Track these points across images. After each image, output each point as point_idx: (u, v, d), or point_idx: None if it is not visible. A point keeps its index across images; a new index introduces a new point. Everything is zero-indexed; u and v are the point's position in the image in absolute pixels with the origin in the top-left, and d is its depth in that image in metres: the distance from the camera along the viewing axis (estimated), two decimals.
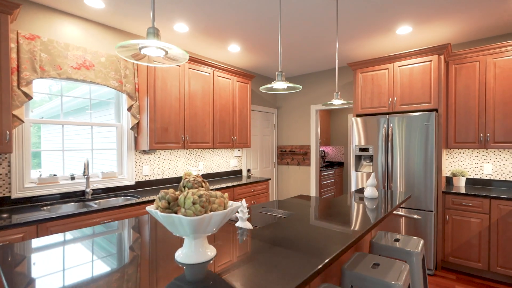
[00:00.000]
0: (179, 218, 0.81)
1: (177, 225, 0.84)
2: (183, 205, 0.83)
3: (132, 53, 1.09)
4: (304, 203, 2.32)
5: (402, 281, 1.27)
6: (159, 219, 0.90)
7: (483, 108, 3.01)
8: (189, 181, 0.93)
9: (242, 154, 4.61)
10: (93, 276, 0.88)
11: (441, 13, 2.66)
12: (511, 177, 3.10)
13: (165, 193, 0.92)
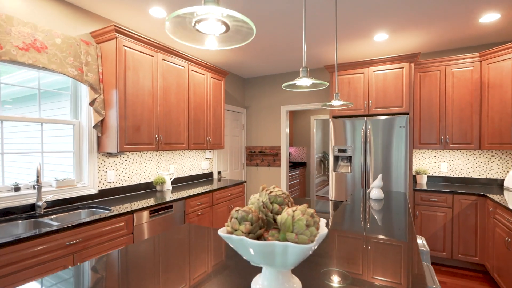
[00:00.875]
0: (285, 246, 0.61)
1: (274, 255, 0.64)
2: (290, 229, 0.63)
3: (183, 32, 0.83)
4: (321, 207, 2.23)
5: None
6: (241, 247, 0.68)
7: (443, 113, 3.36)
8: (277, 195, 0.73)
9: (213, 155, 4.33)
10: None
11: (414, 24, 2.87)
12: (462, 174, 3.53)
13: (246, 213, 0.70)
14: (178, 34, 0.85)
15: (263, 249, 0.64)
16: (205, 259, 1.14)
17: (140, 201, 2.57)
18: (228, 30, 0.81)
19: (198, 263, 1.10)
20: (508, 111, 2.94)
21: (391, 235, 1.45)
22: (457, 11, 2.60)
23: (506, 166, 3.32)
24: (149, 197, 2.74)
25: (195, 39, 0.90)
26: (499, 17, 2.70)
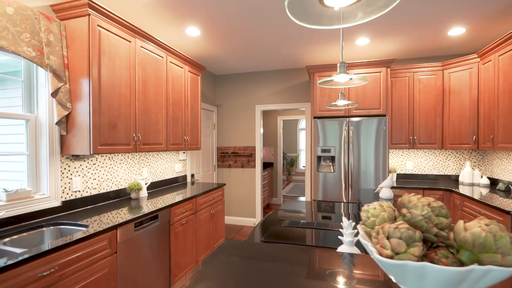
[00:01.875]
0: (487, 271, 0.48)
1: (462, 283, 0.50)
2: (492, 249, 0.50)
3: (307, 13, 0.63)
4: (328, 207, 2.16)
5: None
6: (411, 274, 0.53)
7: (411, 116, 3.66)
8: (440, 206, 0.59)
9: (187, 157, 3.97)
10: None
11: (393, 30, 3.04)
12: (425, 171, 3.90)
13: (412, 231, 0.55)
14: (302, 16, 0.66)
15: (455, 276, 0.50)
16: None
17: (114, 211, 2.16)
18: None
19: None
20: (466, 115, 3.34)
21: None
22: (430, 22, 2.83)
23: (460, 163, 3.78)
24: (124, 207, 2.33)
25: (323, 17, 0.71)
26: (464, 31, 3.03)
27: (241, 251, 1.20)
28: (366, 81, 1.50)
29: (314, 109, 3.68)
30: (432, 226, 0.58)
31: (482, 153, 3.71)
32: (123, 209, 2.26)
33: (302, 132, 10.54)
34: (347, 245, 1.09)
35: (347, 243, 1.08)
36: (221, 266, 1.02)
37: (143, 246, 2.15)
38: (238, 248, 1.23)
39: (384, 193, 2.02)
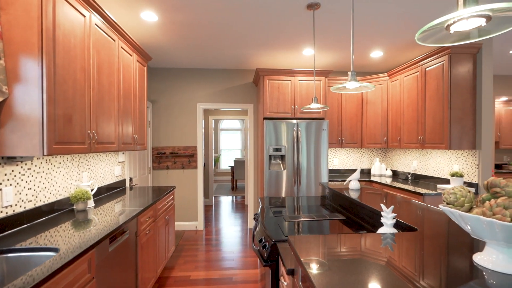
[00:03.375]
0: None
1: None
2: None
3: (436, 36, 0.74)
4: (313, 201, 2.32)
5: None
6: (506, 229, 0.73)
7: (340, 120, 4.34)
8: (503, 184, 0.80)
9: (126, 158, 3.45)
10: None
11: (331, 46, 3.56)
12: (347, 166, 4.68)
13: (509, 200, 0.75)
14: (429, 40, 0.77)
15: None
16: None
17: (67, 230, 1.73)
18: (490, 19, 0.81)
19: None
20: (379, 121, 4.22)
21: None
22: (358, 43, 3.46)
23: (371, 159, 4.72)
24: (69, 220, 1.88)
25: (447, 37, 0.83)
26: (382, 54, 3.84)
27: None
28: (373, 87, 1.74)
29: (264, 111, 3.86)
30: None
31: (386, 150, 4.75)
32: (67, 223, 1.81)
33: (224, 132, 10.64)
34: (388, 227, 1.28)
35: (388, 224, 1.28)
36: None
37: (119, 264, 1.80)
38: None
39: (352, 184, 2.37)
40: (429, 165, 3.75)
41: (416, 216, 1.59)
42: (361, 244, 1.14)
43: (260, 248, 1.63)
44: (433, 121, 3.26)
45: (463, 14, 0.73)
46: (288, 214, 2.05)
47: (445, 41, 0.91)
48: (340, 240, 1.20)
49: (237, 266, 3.15)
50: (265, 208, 2.24)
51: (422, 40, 0.89)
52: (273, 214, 2.05)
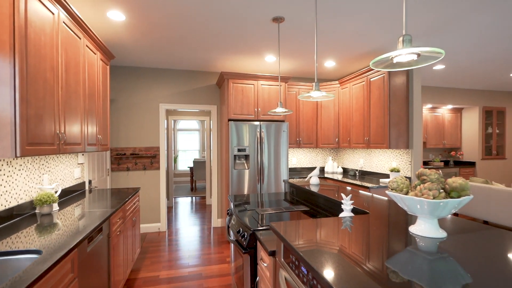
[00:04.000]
0: (463, 200, 1.06)
1: (444, 208, 1.07)
2: (466, 189, 1.07)
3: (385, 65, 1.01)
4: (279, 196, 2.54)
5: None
6: (430, 205, 1.05)
7: (298, 122, 4.71)
8: (438, 174, 1.12)
9: (85, 160, 3.29)
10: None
11: (292, 54, 3.91)
12: (304, 164, 5.09)
13: (432, 185, 1.07)
14: (380, 66, 1.04)
15: (451, 206, 1.06)
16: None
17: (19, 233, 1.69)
18: (419, 56, 1.11)
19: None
20: (332, 123, 4.70)
21: None
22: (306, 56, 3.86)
23: (324, 158, 5.20)
24: (33, 224, 1.83)
25: (392, 65, 1.11)
26: (335, 64, 4.30)
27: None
28: (333, 97, 2.03)
29: (229, 113, 4.02)
30: (434, 181, 1.13)
31: (338, 150, 5.28)
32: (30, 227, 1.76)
33: (181, 133, 10.46)
34: (347, 212, 1.56)
35: (347, 209, 1.56)
36: None
37: (92, 266, 1.80)
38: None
39: (313, 180, 2.68)
40: (373, 162, 4.33)
41: (365, 204, 1.94)
42: (330, 224, 1.40)
43: (238, 238, 1.81)
44: (376, 125, 3.79)
45: (401, 53, 1.02)
46: (260, 208, 2.27)
47: (391, 68, 1.21)
48: (312, 223, 1.45)
49: (205, 263, 3.26)
50: (237, 204, 2.42)
51: (374, 66, 1.18)
52: (246, 209, 2.24)
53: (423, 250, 1.09)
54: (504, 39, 3.35)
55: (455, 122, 6.79)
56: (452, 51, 3.77)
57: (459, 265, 0.96)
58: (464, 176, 6.44)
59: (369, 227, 1.38)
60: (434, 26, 2.95)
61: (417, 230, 1.22)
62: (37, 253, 1.37)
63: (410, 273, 0.90)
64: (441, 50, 1.00)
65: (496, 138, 6.68)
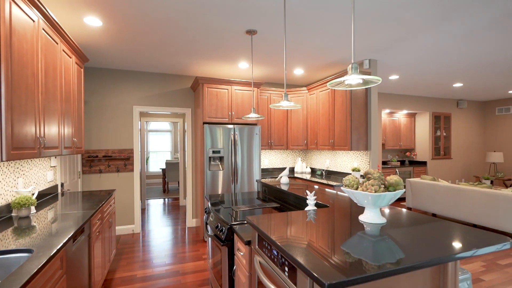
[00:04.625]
0: (398, 193, 1.37)
1: (382, 199, 1.37)
2: (401, 185, 1.37)
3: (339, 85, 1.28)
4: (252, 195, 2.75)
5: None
6: (372, 197, 1.34)
7: (269, 125, 4.99)
8: (379, 172, 1.41)
9: (58, 163, 3.26)
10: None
11: (263, 61, 4.18)
12: (275, 165, 5.38)
13: (376, 181, 1.36)
14: (336, 86, 1.31)
15: (390, 196, 1.36)
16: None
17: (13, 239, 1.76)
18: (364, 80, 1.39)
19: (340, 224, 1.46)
20: (301, 127, 5.04)
21: None
22: (277, 64, 4.17)
23: (294, 159, 5.54)
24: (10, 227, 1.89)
25: (345, 86, 1.38)
26: (303, 72, 4.63)
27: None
28: (300, 106, 2.30)
29: (204, 116, 4.18)
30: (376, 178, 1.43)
31: (306, 151, 5.64)
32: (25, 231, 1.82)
33: (152, 134, 10.30)
34: (311, 205, 1.83)
35: (311, 204, 1.83)
36: None
37: (76, 264, 1.89)
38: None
39: (283, 180, 2.94)
40: (338, 163, 4.73)
41: (328, 199, 2.23)
42: (296, 216, 1.66)
43: (217, 233, 2.00)
44: (340, 128, 4.18)
45: (349, 78, 1.30)
46: (235, 205, 2.47)
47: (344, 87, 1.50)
48: (282, 216, 1.69)
49: (182, 261, 3.38)
50: (214, 203, 2.60)
51: (332, 86, 1.45)
52: (223, 207, 2.43)
53: (369, 234, 1.38)
54: (444, 57, 3.90)
55: (410, 126, 7.53)
56: (404, 64, 4.28)
57: (395, 244, 1.25)
58: (416, 174, 7.18)
59: (328, 217, 1.66)
60: (388, 43, 3.38)
61: (365, 218, 1.52)
62: (29, 252, 1.46)
63: (359, 252, 1.16)
64: (378, 78, 1.29)
65: (444, 140, 7.52)
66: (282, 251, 1.18)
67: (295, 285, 1.08)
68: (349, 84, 1.43)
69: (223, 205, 2.49)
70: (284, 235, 1.34)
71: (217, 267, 2.18)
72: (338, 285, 0.87)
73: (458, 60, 4.09)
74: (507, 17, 2.68)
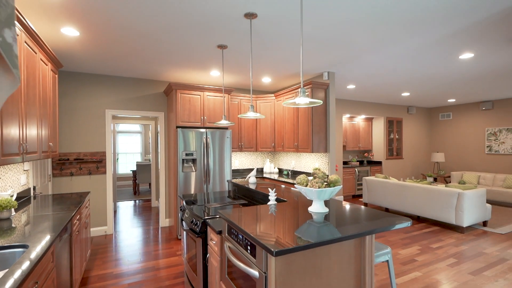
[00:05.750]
0: (338, 188, 1.77)
1: (326, 193, 1.77)
2: (339, 182, 1.77)
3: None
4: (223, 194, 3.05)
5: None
6: (311, 192, 1.74)
7: (240, 128, 5.32)
8: (323, 172, 1.79)
9: (30, 167, 3.31)
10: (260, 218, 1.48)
11: (233, 70, 4.52)
12: (245, 166, 5.73)
13: (321, 179, 1.75)
14: (290, 105, 1.68)
15: (331, 191, 1.77)
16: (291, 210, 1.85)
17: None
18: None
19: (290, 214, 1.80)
20: (269, 130, 5.44)
21: None
22: (254, 73, 4.55)
23: (263, 160, 5.93)
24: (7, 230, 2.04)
25: (296, 105, 1.75)
26: (270, 80, 5.04)
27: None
28: (263, 117, 2.66)
29: (177, 120, 4.40)
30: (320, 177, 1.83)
31: (274, 153, 6.06)
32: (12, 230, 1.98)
33: (121, 135, 10.13)
34: (272, 200, 2.19)
35: (272, 199, 2.20)
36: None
37: (61, 260, 2.07)
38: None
39: (251, 180, 3.29)
40: (302, 163, 5.20)
41: (287, 195, 2.62)
42: (260, 209, 2.01)
43: (192, 227, 2.30)
44: (303, 132, 4.63)
45: (298, 100, 1.68)
46: (207, 203, 2.77)
47: (295, 106, 1.87)
48: (249, 209, 2.03)
49: (157, 258, 3.59)
50: (188, 202, 2.88)
51: (286, 105, 1.82)
52: (196, 205, 2.72)
53: (315, 221, 1.77)
54: (390, 72, 4.53)
55: (368, 129, 8.30)
56: (358, 76, 4.86)
57: (334, 227, 1.65)
58: (373, 173, 7.95)
59: (285, 209, 2.04)
60: (343, 59, 3.88)
61: (312, 209, 1.91)
62: (24, 247, 1.65)
63: (309, 235, 1.53)
64: (320, 101, 1.69)
65: (396, 142, 8.41)
66: (245, 234, 1.52)
67: (254, 258, 1.43)
68: (299, 103, 1.82)
69: (197, 203, 2.78)
70: (248, 223, 1.69)
71: (192, 260, 2.46)
72: (282, 252, 1.23)
73: (402, 74, 4.75)
74: (435, 43, 3.29)
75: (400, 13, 2.50)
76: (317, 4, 2.34)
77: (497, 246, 3.97)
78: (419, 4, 2.35)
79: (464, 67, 4.31)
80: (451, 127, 8.53)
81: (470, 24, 2.75)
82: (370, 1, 2.30)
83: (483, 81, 5.25)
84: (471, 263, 3.43)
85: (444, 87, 5.85)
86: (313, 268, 1.43)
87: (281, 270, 1.32)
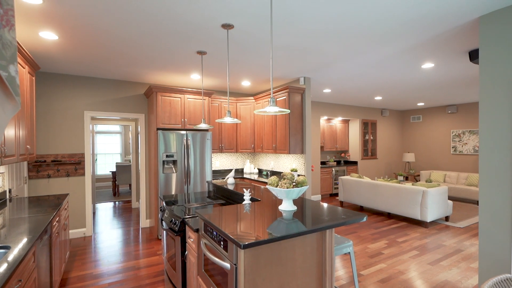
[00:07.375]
0: (305, 188, 1.96)
1: (295, 193, 1.96)
2: (306, 183, 1.96)
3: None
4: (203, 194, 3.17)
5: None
6: (281, 192, 1.93)
7: (220, 130, 5.45)
8: (289, 173, 1.99)
9: (5, 170, 3.28)
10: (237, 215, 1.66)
11: (213, 74, 4.65)
12: (226, 166, 5.87)
13: (289, 180, 1.94)
14: (261, 113, 1.85)
15: (298, 191, 1.96)
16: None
17: None
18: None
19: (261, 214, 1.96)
20: (249, 132, 5.61)
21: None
22: (233, 75, 4.70)
23: (243, 161, 6.10)
24: None
25: (267, 113, 1.92)
26: (250, 84, 5.20)
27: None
28: (240, 122, 2.82)
29: (157, 122, 4.47)
30: (289, 179, 2.02)
31: (254, 154, 6.24)
32: None
33: (100, 136, 9.94)
34: (247, 200, 2.36)
35: (247, 199, 2.36)
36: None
37: (41, 261, 2.13)
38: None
39: (230, 180, 3.45)
40: (280, 164, 5.41)
41: (262, 195, 2.80)
42: (234, 208, 2.17)
43: (171, 226, 2.42)
44: (280, 135, 4.84)
45: (268, 109, 1.86)
46: (187, 203, 2.90)
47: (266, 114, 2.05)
48: (225, 208, 2.19)
49: (137, 257, 3.66)
50: (168, 202, 2.99)
51: (257, 113, 2.00)
52: (176, 205, 2.84)
53: (284, 218, 1.95)
54: (362, 77, 4.83)
55: (344, 130, 8.68)
56: (333, 81, 5.13)
57: (300, 223, 1.84)
58: (350, 172, 8.33)
59: (258, 207, 2.21)
60: (318, 66, 4.12)
61: (282, 207, 2.10)
62: (6, 248, 1.71)
63: (277, 231, 1.71)
64: (287, 110, 1.88)
65: (371, 143, 8.84)
66: (219, 230, 1.68)
67: (226, 251, 1.59)
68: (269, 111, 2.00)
69: (177, 204, 2.90)
70: (222, 221, 1.84)
71: (172, 259, 2.58)
72: (249, 245, 1.40)
73: (373, 80, 5.07)
74: (400, 54, 3.58)
75: (368, 27, 2.75)
76: (289, 17, 2.53)
77: (455, 239, 4.37)
78: (385, 20, 2.61)
79: (426, 75, 4.69)
80: (421, 129, 9.09)
81: (429, 38, 3.05)
82: (340, 15, 2.53)
83: (443, 88, 5.70)
84: (431, 254, 3.77)
85: (411, 92, 6.27)
86: (279, 259, 1.61)
87: (250, 261, 1.49)
